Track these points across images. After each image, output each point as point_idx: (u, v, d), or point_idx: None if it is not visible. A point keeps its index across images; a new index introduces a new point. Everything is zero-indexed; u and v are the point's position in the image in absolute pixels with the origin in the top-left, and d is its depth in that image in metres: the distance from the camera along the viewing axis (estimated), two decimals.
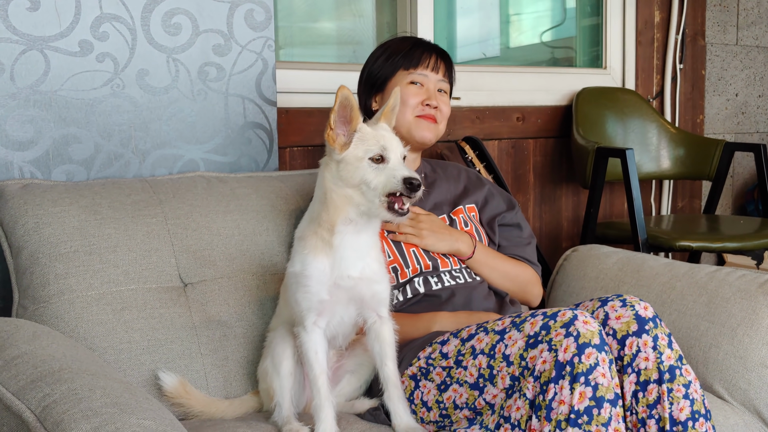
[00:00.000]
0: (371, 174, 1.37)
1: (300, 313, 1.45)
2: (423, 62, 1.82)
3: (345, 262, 1.43)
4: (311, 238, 1.44)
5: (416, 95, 1.81)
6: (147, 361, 1.57)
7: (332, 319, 1.47)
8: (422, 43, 1.86)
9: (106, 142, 1.83)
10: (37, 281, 1.57)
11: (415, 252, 1.75)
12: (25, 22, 1.72)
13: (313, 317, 1.44)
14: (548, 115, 2.85)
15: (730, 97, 3.39)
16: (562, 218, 2.94)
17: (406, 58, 1.82)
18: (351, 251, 1.42)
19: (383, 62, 1.84)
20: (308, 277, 1.43)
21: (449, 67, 1.88)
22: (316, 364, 1.43)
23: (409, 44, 1.85)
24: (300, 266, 1.44)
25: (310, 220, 1.47)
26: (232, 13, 1.96)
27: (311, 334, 1.44)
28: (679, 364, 1.37)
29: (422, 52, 1.83)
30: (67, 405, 1.02)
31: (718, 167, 2.83)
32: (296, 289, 1.45)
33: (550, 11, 3.27)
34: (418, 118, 1.81)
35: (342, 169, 1.40)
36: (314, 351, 1.44)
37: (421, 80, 1.82)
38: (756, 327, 1.66)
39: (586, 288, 1.99)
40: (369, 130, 1.41)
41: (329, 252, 1.42)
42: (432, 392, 1.49)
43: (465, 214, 1.85)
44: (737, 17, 3.36)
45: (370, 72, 1.87)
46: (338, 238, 1.41)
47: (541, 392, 1.30)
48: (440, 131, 1.86)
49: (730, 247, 2.37)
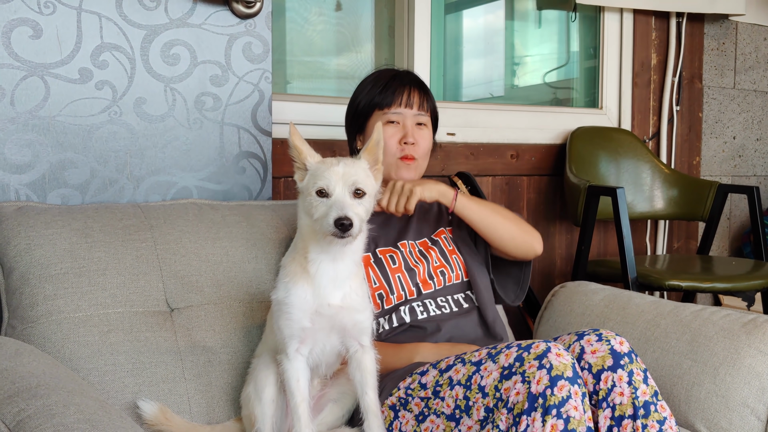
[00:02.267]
0: (316, 207, 1.40)
1: (283, 340, 1.47)
2: (396, 100, 1.81)
3: (324, 290, 1.45)
4: (292, 265, 1.47)
5: (393, 136, 1.81)
6: (131, 384, 1.59)
7: (315, 347, 1.48)
8: (396, 77, 1.85)
9: (101, 167, 1.87)
10: (26, 301, 1.60)
11: (400, 278, 1.76)
12: (27, 49, 1.77)
13: (296, 344, 1.46)
14: (542, 153, 2.89)
15: (728, 140, 3.42)
16: (555, 255, 2.95)
17: (380, 97, 1.82)
18: (328, 280, 1.44)
19: (360, 103, 1.85)
20: (290, 304, 1.44)
21: (425, 98, 1.86)
22: (297, 391, 1.45)
23: (383, 81, 1.84)
24: (283, 293, 1.46)
25: (293, 248, 1.50)
26: (231, 45, 2.01)
27: (293, 361, 1.46)
28: (654, 400, 1.37)
29: (395, 89, 1.82)
30: (39, 420, 1.04)
31: (711, 208, 2.84)
32: (279, 316, 1.47)
33: (556, 53, 3.33)
34: (400, 160, 1.81)
35: (300, 200, 1.47)
36: (296, 379, 1.45)
37: (397, 119, 1.82)
38: (738, 366, 1.67)
39: (572, 323, 2.00)
40: (320, 165, 1.43)
41: (309, 280, 1.45)
42: (410, 423, 1.50)
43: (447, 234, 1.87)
44: (735, 61, 3.41)
45: (354, 113, 1.87)
46: (314, 266, 1.44)
47: (513, 424, 1.31)
48: (422, 167, 1.85)
49: (720, 287, 2.38)
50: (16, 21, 1.76)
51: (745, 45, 3.43)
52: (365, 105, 1.84)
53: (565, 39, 3.29)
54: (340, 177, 1.39)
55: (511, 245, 1.82)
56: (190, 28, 1.95)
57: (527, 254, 1.85)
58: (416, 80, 1.87)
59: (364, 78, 1.91)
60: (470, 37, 3.13)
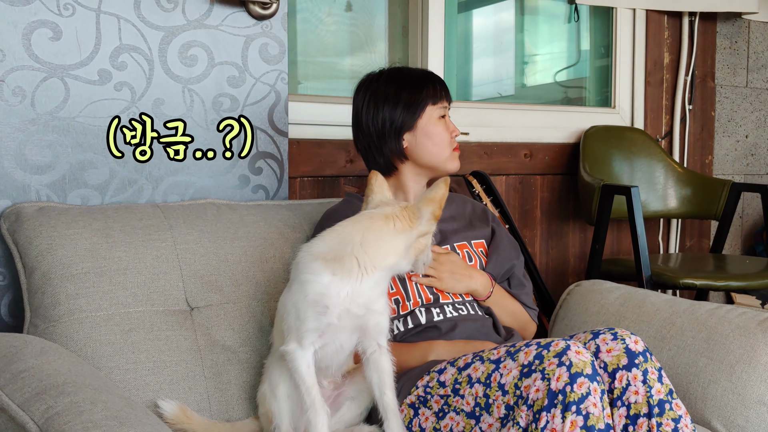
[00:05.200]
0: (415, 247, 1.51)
1: (301, 329, 1.44)
2: (442, 95, 1.84)
3: (363, 295, 1.44)
4: (347, 262, 1.44)
5: (446, 130, 1.84)
6: (152, 382, 1.61)
7: (330, 345, 1.48)
8: (430, 76, 1.86)
9: (120, 168, 1.89)
10: (48, 301, 1.62)
11: (417, 285, 1.78)
12: (47, 51, 1.79)
13: (314, 337, 1.44)
14: (556, 152, 2.89)
15: (740, 138, 3.41)
16: (569, 254, 2.96)
17: (430, 93, 1.81)
18: (370, 290, 1.46)
19: (408, 100, 1.80)
20: (329, 297, 1.42)
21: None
22: (308, 377, 1.44)
23: (423, 79, 1.84)
24: (321, 287, 1.44)
25: (346, 245, 1.47)
26: (247, 46, 2.02)
27: (306, 351, 1.44)
28: (669, 398, 1.38)
29: (434, 85, 1.83)
30: (68, 417, 1.05)
31: (725, 207, 2.84)
32: (306, 306, 1.44)
33: (566, 52, 3.33)
34: (453, 152, 1.85)
35: (422, 239, 1.51)
36: (307, 365, 1.44)
37: (444, 112, 1.85)
38: (754, 364, 1.67)
39: (587, 322, 2.00)
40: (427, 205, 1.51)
41: (353, 282, 1.44)
42: (430, 420, 1.51)
43: (470, 249, 1.88)
44: (747, 60, 3.40)
45: (391, 118, 1.81)
46: (369, 277, 1.45)
47: (533, 420, 1.32)
48: None
49: (734, 285, 2.39)
50: (36, 23, 1.78)
51: (757, 43, 3.42)
52: (416, 100, 1.81)
53: (576, 38, 3.29)
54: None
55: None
56: (207, 30, 1.97)
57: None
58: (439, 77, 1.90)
59: (387, 74, 1.86)
60: (481, 36, 3.14)
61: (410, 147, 1.83)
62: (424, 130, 1.82)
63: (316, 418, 1.41)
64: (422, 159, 1.84)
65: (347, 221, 1.52)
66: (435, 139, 1.82)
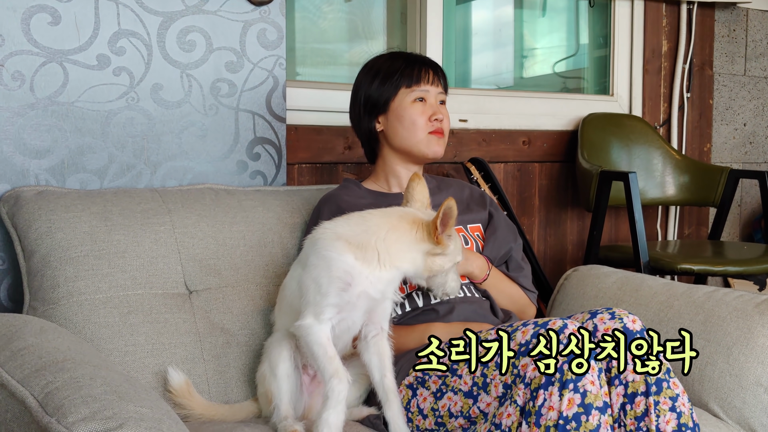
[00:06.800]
0: (451, 273, 1.57)
1: (322, 304, 1.44)
2: (423, 78, 1.83)
3: (381, 283, 1.47)
4: (370, 251, 1.46)
5: (423, 113, 1.83)
6: (151, 364, 1.61)
7: (344, 322, 1.48)
8: (417, 59, 1.88)
9: (119, 152, 1.90)
10: (48, 283, 1.63)
11: None
12: (46, 36, 1.79)
13: (333, 312, 1.44)
14: (554, 140, 2.90)
15: (738, 126, 3.42)
16: (567, 242, 2.97)
17: (405, 76, 1.83)
18: (387, 282, 1.49)
19: (381, 83, 1.85)
20: (353, 277, 1.44)
21: (445, 78, 1.90)
22: (329, 347, 1.44)
23: (403, 61, 1.85)
24: (346, 265, 1.45)
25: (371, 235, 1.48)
26: (245, 32, 2.03)
27: (324, 325, 1.44)
28: (666, 377, 1.39)
29: (419, 68, 1.84)
30: (68, 391, 1.06)
31: (723, 194, 2.85)
32: (330, 281, 1.44)
33: (564, 43, 3.33)
34: (431, 134, 1.84)
35: (437, 259, 1.50)
36: (327, 336, 1.44)
37: (423, 95, 1.84)
38: (751, 346, 1.68)
39: (585, 306, 2.01)
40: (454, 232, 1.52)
41: (373, 270, 1.46)
42: (428, 400, 1.52)
43: (466, 233, 1.88)
44: (745, 48, 3.41)
45: (368, 96, 1.86)
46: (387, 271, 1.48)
47: (531, 398, 1.33)
48: (445, 142, 1.89)
49: (732, 271, 2.39)
50: (35, 8, 1.78)
51: (755, 32, 3.42)
52: (390, 84, 1.83)
53: (575, 28, 3.30)
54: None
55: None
56: (205, 15, 1.97)
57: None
58: (435, 63, 1.90)
59: (372, 61, 1.91)
60: (479, 27, 3.14)
61: (385, 130, 1.86)
62: (396, 112, 1.83)
63: (340, 386, 1.41)
64: (394, 142, 1.86)
65: (377, 212, 1.53)
66: (405, 122, 1.82)
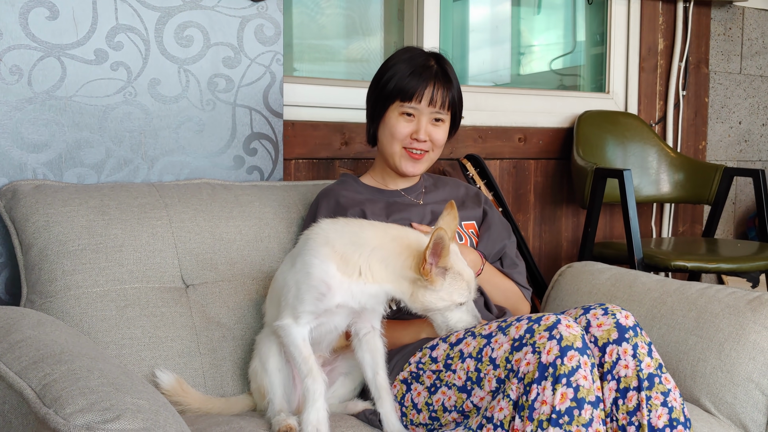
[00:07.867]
0: (452, 312, 1.50)
1: (298, 309, 1.45)
2: (417, 95, 1.77)
3: (363, 296, 1.46)
4: (351, 265, 1.45)
5: (405, 127, 1.80)
6: (147, 357, 1.62)
7: (325, 325, 1.49)
8: (426, 68, 1.80)
9: (117, 147, 1.90)
10: (45, 277, 1.64)
11: None
12: (44, 30, 1.80)
13: (309, 318, 1.46)
14: (550, 137, 2.91)
15: (734, 124, 3.43)
16: (562, 238, 2.98)
17: (401, 90, 1.78)
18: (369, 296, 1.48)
19: (388, 86, 1.80)
20: (330, 288, 1.44)
21: (447, 94, 1.81)
22: (304, 348, 1.45)
23: (410, 69, 1.79)
24: (326, 275, 1.44)
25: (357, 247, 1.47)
26: (243, 27, 2.03)
27: (301, 328, 1.45)
28: (658, 372, 1.40)
29: (418, 83, 1.78)
30: (65, 383, 1.07)
31: (717, 192, 2.86)
32: (308, 288, 1.44)
33: (561, 41, 3.34)
34: (405, 150, 1.82)
35: (425, 293, 1.47)
36: (302, 338, 1.45)
37: (412, 112, 1.80)
38: (743, 342, 1.69)
39: (579, 302, 2.02)
40: (463, 271, 1.48)
41: (354, 283, 1.45)
42: (422, 394, 1.53)
43: (460, 229, 1.89)
44: (741, 47, 3.42)
45: (379, 96, 1.83)
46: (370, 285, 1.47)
47: (524, 393, 1.34)
48: (433, 158, 1.87)
49: (725, 267, 2.41)
50: (33, 2, 1.78)
51: (751, 30, 3.44)
52: (391, 91, 1.80)
53: (572, 26, 3.30)
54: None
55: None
56: (203, 10, 1.98)
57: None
58: (443, 73, 1.82)
59: (395, 55, 1.86)
60: (476, 24, 3.15)
61: (380, 126, 1.86)
62: (384, 120, 1.83)
63: (314, 385, 1.42)
64: (379, 147, 1.88)
65: (379, 225, 1.53)
66: (386, 131, 1.83)
